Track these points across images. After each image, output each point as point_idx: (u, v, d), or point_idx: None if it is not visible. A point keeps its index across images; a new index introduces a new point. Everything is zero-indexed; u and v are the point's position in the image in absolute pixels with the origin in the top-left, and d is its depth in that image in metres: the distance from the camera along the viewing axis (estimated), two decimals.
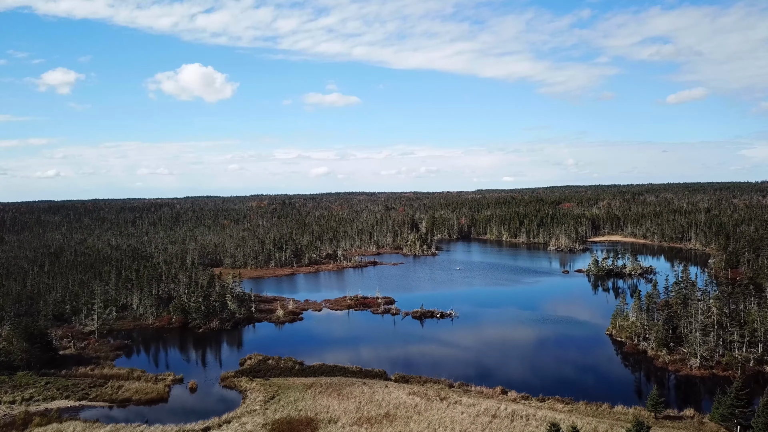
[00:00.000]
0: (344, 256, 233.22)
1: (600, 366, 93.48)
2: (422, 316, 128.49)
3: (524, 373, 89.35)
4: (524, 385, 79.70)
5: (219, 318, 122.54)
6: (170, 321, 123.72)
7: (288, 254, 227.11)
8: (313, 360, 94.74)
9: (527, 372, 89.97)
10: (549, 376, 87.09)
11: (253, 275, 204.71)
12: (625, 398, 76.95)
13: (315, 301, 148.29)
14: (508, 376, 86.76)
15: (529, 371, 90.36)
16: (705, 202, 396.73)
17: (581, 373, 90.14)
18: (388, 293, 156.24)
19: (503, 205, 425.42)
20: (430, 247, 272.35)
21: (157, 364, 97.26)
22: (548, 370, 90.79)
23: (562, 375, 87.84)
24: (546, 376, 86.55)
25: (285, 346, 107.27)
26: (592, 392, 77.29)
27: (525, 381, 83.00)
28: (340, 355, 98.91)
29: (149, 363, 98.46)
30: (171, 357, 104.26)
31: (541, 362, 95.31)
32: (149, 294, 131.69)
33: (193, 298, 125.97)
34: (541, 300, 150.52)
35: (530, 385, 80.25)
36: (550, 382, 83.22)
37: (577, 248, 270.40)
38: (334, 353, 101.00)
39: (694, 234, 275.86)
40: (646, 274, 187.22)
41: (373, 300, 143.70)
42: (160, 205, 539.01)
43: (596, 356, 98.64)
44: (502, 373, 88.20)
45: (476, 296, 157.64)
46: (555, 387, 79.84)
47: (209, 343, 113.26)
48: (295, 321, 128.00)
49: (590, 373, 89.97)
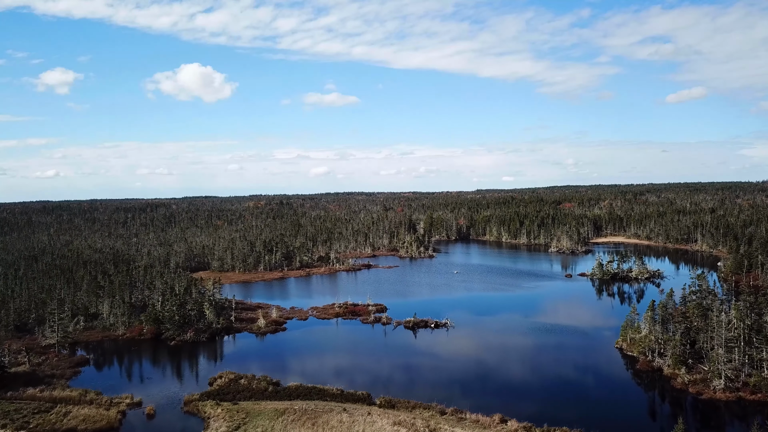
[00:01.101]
0: (337, 259, 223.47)
1: (612, 387, 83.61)
2: (415, 326, 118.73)
3: (526, 395, 79.50)
4: (526, 411, 69.86)
5: (194, 328, 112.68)
6: (142, 332, 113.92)
7: (278, 257, 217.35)
8: (292, 377, 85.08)
9: (529, 394, 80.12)
10: (554, 399, 77.25)
11: (241, 279, 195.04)
12: (644, 428, 67.35)
13: (301, 309, 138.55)
14: (508, 399, 76.91)
15: (532, 393, 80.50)
16: (708, 202, 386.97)
17: (590, 395, 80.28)
18: (380, 299, 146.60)
19: (503, 205, 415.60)
20: (427, 249, 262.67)
21: (117, 384, 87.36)
22: (553, 391, 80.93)
23: (569, 398, 77.99)
24: (550, 400, 76.71)
25: (262, 361, 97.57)
26: (604, 421, 67.55)
27: (527, 406, 73.06)
28: (322, 373, 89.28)
29: (109, 382, 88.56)
30: (135, 374, 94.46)
31: (545, 381, 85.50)
32: (121, 302, 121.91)
33: (167, 306, 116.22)
34: (543, 307, 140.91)
35: (532, 411, 70.32)
36: (555, 406, 73.37)
37: (580, 250, 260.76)
38: (316, 370, 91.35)
39: (700, 235, 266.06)
40: (653, 278, 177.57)
41: (363, 308, 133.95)
42: (156, 206, 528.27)
43: (607, 375, 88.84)
44: (501, 396, 78.34)
45: (474, 303, 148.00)
46: (561, 413, 70.03)
47: (181, 357, 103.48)
48: (278, 331, 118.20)
49: (601, 395, 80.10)
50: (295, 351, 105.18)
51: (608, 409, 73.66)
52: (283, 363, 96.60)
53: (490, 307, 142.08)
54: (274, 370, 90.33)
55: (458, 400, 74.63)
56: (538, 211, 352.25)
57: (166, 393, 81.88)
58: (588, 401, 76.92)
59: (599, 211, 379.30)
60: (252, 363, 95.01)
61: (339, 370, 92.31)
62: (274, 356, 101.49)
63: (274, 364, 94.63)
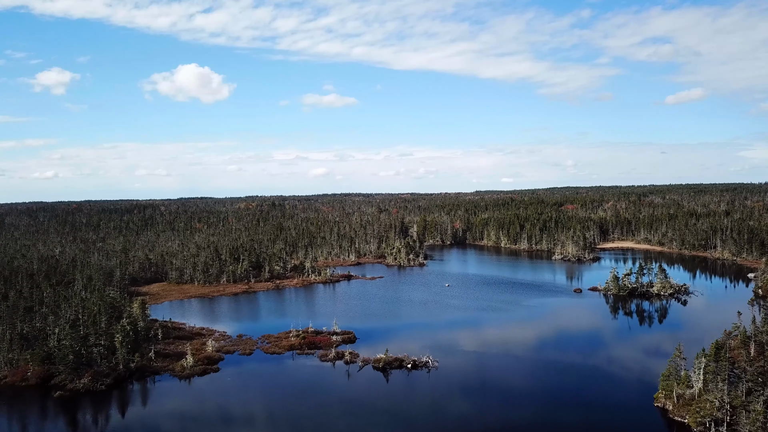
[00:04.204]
0: (313, 269, 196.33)
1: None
2: (387, 367, 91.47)
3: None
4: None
5: (93, 371, 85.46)
6: (26, 375, 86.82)
7: (245, 266, 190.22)
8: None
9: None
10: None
11: (198, 293, 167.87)
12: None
13: (249, 338, 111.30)
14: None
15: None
16: (716, 204, 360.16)
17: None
18: (350, 323, 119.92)
19: (502, 207, 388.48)
20: (417, 256, 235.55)
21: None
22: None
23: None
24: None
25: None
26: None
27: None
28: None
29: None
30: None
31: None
32: (11, 332, 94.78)
33: (64, 340, 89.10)
34: (550, 335, 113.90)
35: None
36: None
37: (586, 257, 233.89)
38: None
39: (719, 241, 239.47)
40: (678, 294, 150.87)
41: (325, 338, 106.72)
42: (144, 207, 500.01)
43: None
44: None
45: (466, 328, 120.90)
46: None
47: (49, 422, 75.90)
48: (208, 373, 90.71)
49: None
50: (215, 412, 77.11)
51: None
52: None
53: (486, 335, 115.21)
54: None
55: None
56: (539, 214, 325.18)
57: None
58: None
59: (603, 213, 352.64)
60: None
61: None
62: (183, 421, 74.26)
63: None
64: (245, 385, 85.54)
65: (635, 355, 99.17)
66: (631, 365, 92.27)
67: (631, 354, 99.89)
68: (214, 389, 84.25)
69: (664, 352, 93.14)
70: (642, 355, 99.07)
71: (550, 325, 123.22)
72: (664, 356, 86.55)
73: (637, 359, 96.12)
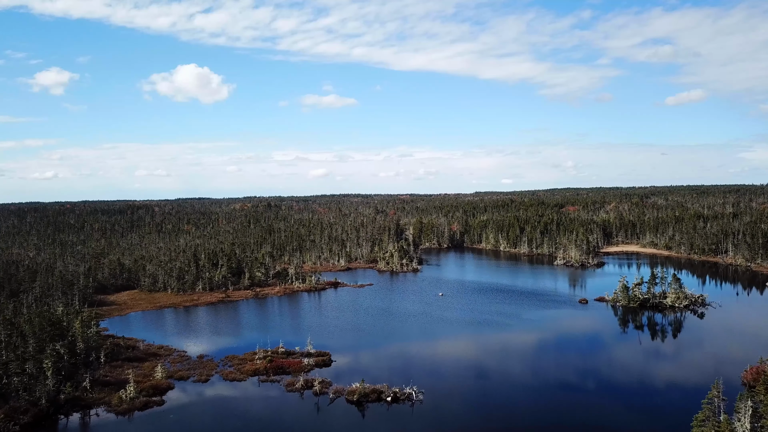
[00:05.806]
0: (298, 275, 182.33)
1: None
2: (363, 399, 77.48)
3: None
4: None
5: (9, 407, 71.57)
6: None
7: (223, 273, 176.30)
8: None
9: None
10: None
11: (169, 303, 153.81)
12: None
13: (211, 360, 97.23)
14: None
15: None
16: (722, 206, 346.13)
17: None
18: (328, 340, 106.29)
19: (501, 209, 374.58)
20: (411, 260, 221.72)
21: None
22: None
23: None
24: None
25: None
26: None
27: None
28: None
29: None
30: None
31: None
32: None
33: None
34: (554, 357, 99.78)
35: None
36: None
37: (590, 262, 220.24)
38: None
39: (731, 245, 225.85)
40: (694, 305, 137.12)
41: (296, 361, 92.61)
42: (137, 208, 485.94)
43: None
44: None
45: (458, 348, 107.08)
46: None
47: None
48: (150, 406, 76.55)
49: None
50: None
51: None
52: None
53: (480, 357, 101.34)
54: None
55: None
56: (540, 216, 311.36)
57: None
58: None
59: (606, 215, 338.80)
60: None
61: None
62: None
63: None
64: (188, 426, 71.33)
65: (656, 383, 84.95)
66: (653, 395, 78.26)
67: (651, 379, 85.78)
68: (150, 430, 70.20)
69: (692, 383, 79.65)
70: (665, 384, 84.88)
71: (554, 344, 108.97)
72: (691, 389, 72.99)
73: (659, 386, 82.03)
